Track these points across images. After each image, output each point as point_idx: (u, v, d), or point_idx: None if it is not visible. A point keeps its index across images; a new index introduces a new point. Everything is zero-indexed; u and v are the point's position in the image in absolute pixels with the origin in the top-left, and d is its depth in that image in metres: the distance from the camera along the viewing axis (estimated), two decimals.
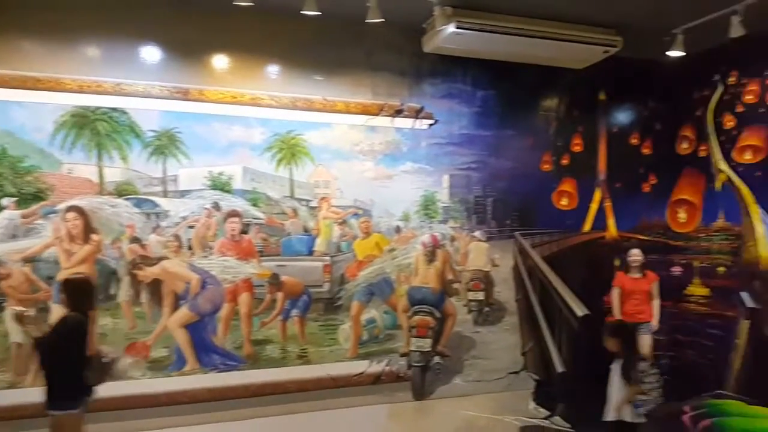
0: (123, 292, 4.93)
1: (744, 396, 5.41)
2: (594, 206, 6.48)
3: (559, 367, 5.84)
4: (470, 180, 5.97)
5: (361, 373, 5.47)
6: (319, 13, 4.61)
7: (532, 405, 5.37)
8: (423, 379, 5.44)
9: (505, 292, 6.06)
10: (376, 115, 5.61)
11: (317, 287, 5.43)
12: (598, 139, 6.53)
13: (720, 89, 6.04)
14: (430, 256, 5.56)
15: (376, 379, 5.50)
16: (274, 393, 5.14)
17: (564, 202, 6.35)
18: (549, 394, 5.50)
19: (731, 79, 5.92)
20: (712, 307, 6.12)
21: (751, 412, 4.95)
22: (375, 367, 5.53)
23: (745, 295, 5.71)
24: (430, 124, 5.83)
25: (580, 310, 5.87)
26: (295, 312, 5.35)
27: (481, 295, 5.87)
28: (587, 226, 6.45)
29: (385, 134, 5.69)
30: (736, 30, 4.88)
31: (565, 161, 6.35)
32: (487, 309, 5.93)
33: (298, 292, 5.36)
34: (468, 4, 4.96)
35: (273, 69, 5.41)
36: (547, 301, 6.09)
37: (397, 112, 5.68)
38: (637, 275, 5.67)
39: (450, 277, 5.73)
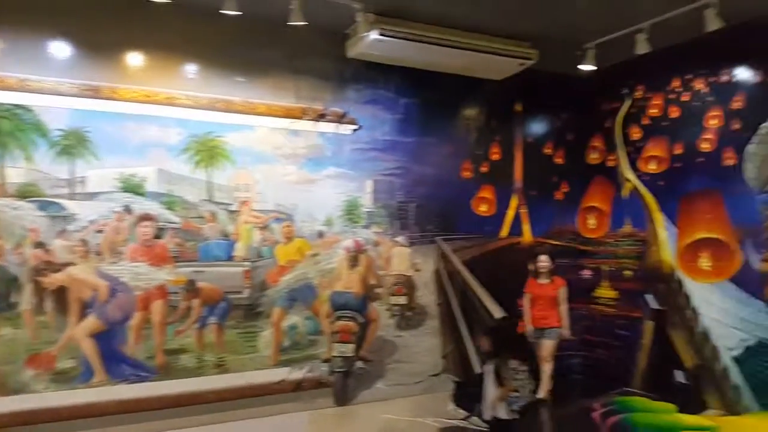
0: (25, 300, 4.62)
1: (648, 392, 5.80)
2: (511, 212, 6.76)
3: (478, 368, 6.04)
4: (393, 185, 6.08)
5: (282, 381, 5.40)
6: (240, 13, 4.58)
7: (451, 406, 5.51)
8: (345, 385, 5.44)
9: (426, 296, 6.19)
10: (299, 118, 5.61)
11: (236, 293, 5.33)
12: (514, 148, 6.83)
13: (627, 102, 6.50)
14: (353, 261, 5.62)
15: (297, 386, 5.46)
16: (191, 404, 4.99)
17: (483, 208, 6.59)
18: (468, 395, 5.67)
19: (638, 93, 6.38)
20: (620, 309, 6.54)
21: (654, 407, 5.30)
22: (296, 373, 5.48)
23: (649, 297, 6.14)
24: (354, 130, 5.89)
25: (497, 312, 6.12)
26: (212, 319, 5.22)
27: (403, 300, 5.98)
28: (504, 232, 6.72)
29: (308, 138, 5.69)
30: (642, 47, 5.29)
31: (484, 169, 6.60)
32: (409, 313, 6.04)
33: (216, 299, 5.24)
34: (391, 12, 5.10)
35: (191, 68, 5.29)
36: (467, 305, 6.30)
37: (321, 117, 5.71)
38: (545, 281, 5.82)
39: (373, 281, 5.81)
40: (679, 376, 5.66)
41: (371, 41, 5.15)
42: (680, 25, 4.97)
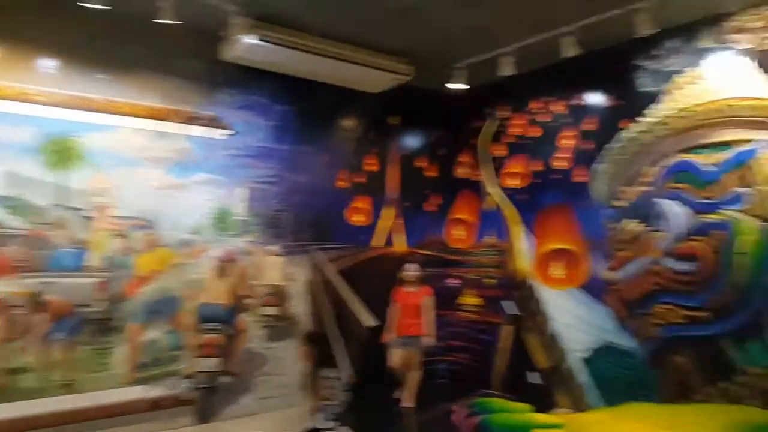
0: None
1: (506, 394, 6.21)
2: (385, 223, 6.95)
3: (351, 377, 6.10)
4: (267, 193, 5.99)
5: (138, 400, 5.06)
6: (104, 7, 4.29)
7: (320, 417, 5.50)
8: (209, 401, 5.24)
9: (299, 307, 6.15)
10: (166, 120, 5.36)
11: (89, 306, 4.92)
12: (390, 160, 7.06)
13: (493, 121, 6.96)
14: (223, 270, 5.44)
15: (155, 405, 5.14)
16: (32, 429, 4.51)
17: (358, 218, 6.72)
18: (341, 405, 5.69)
19: (501, 113, 6.86)
20: (482, 315, 6.94)
21: (511, 407, 5.65)
22: (154, 391, 5.16)
23: (507, 304, 6.58)
24: (226, 135, 5.74)
25: (369, 321, 6.24)
26: (60, 335, 4.77)
27: (275, 310, 5.88)
28: (379, 242, 6.89)
29: (176, 142, 5.44)
30: (507, 69, 5.71)
31: (359, 179, 6.74)
32: (280, 324, 5.95)
33: (66, 313, 4.79)
34: (267, 18, 5.04)
35: (48, 63, 4.86)
36: (341, 314, 6.35)
37: (190, 120, 5.49)
38: (412, 289, 6.06)
39: (243, 292, 5.65)
40: (534, 377, 6.11)
41: (246, 45, 5.06)
42: (542, 51, 5.44)
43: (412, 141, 7.31)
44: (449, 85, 6.22)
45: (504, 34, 5.49)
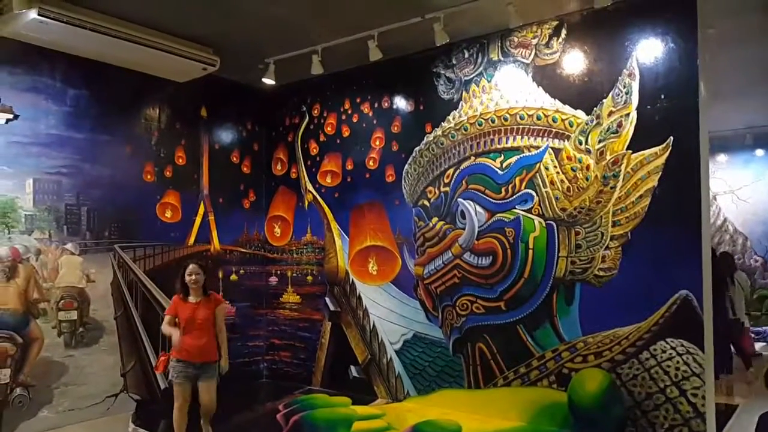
0: None
1: (328, 389, 6.69)
2: (198, 219, 7.03)
3: (163, 383, 6.09)
4: (61, 186, 5.74)
5: None
6: None
7: (131, 427, 5.46)
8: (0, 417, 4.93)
9: (102, 310, 5.98)
10: None
11: None
12: (201, 153, 7.13)
13: (307, 119, 7.39)
14: (10, 272, 5.14)
15: None
16: None
17: (168, 214, 6.70)
18: (151, 413, 5.68)
19: (315, 111, 7.33)
20: (303, 312, 7.37)
21: (333, 402, 6.16)
22: None
23: (327, 300, 7.06)
24: (8, 119, 5.39)
25: None
26: None
27: (74, 315, 5.66)
28: (191, 239, 6.95)
29: None
30: (316, 68, 6.17)
31: (168, 173, 6.73)
32: (81, 329, 5.74)
33: None
34: None
35: None
36: (151, 316, 6.30)
37: None
38: (196, 299, 4.87)
39: (35, 296, 5.37)
40: (354, 371, 6.66)
41: (28, 21, 4.83)
42: (350, 53, 6.02)
43: (224, 135, 7.47)
44: (264, 80, 6.52)
45: (312, 33, 5.96)
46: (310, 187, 7.32)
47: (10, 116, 5.41)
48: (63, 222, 5.76)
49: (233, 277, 7.38)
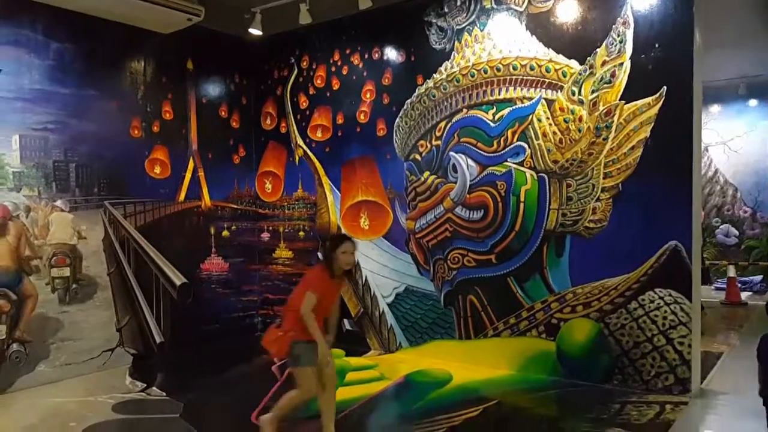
0: None
1: None
2: (188, 175, 7.00)
3: (158, 338, 6.19)
4: (48, 142, 5.68)
5: None
6: None
7: (128, 380, 5.56)
8: None
9: (95, 266, 6.01)
10: None
11: None
12: (188, 108, 7.04)
13: (295, 71, 7.29)
14: (0, 230, 5.09)
15: None
16: None
17: (157, 170, 6.67)
18: (147, 366, 5.79)
19: (304, 63, 7.21)
20: (295, 267, 7.43)
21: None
22: None
23: (320, 255, 7.10)
24: None
25: (177, 279, 6.34)
26: None
27: (66, 271, 5.68)
28: (182, 196, 6.93)
29: None
30: (304, 17, 6.05)
31: (156, 128, 6.65)
32: (74, 286, 5.78)
33: None
34: None
35: None
36: (144, 273, 6.36)
37: None
38: (340, 278, 3.94)
39: (27, 253, 5.38)
40: (347, 324, 6.77)
41: None
42: (338, 1, 5.86)
43: (211, 88, 7.35)
44: (250, 30, 6.41)
45: None
46: (300, 141, 7.28)
47: None
48: (52, 179, 5.71)
49: (225, 233, 7.40)
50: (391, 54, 6.48)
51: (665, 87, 4.74)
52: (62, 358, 5.65)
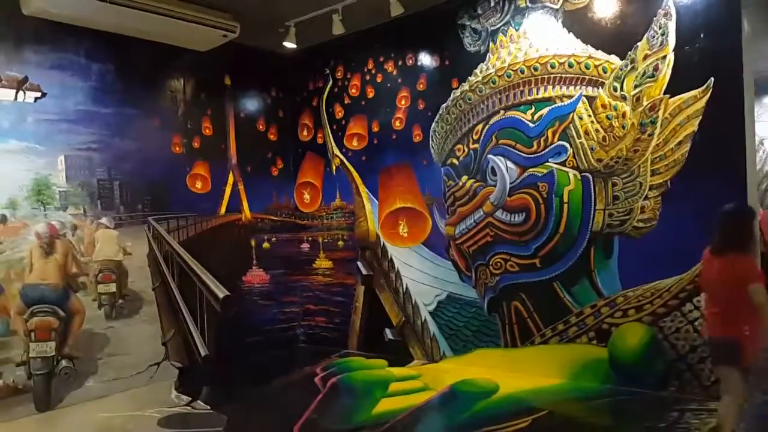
0: None
1: (364, 352, 6.71)
2: (228, 189, 7.03)
3: (203, 351, 6.19)
4: (92, 162, 5.78)
5: None
6: None
7: (174, 394, 5.56)
8: (48, 388, 5.08)
9: (140, 282, 6.08)
10: None
11: None
12: (227, 123, 7.09)
13: (330, 82, 7.26)
14: (48, 248, 5.19)
15: None
16: None
17: (198, 185, 6.72)
18: (193, 380, 5.78)
19: (338, 74, 7.18)
20: (335, 277, 7.38)
21: (369, 364, 6.18)
22: None
23: (359, 264, 7.03)
24: (37, 98, 5.40)
25: (221, 292, 6.34)
26: None
27: (112, 287, 5.76)
28: (223, 209, 6.97)
29: None
30: (337, 27, 6.00)
31: (196, 144, 6.72)
32: (120, 301, 5.85)
33: None
34: None
35: None
36: (188, 287, 6.40)
37: None
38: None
39: (74, 270, 5.46)
40: (389, 334, 6.65)
41: None
42: (370, 9, 5.81)
43: (248, 103, 7.40)
44: (285, 44, 6.40)
45: None
46: (336, 151, 7.24)
47: (39, 94, 5.42)
48: (96, 197, 5.82)
49: (265, 245, 7.41)
50: (425, 59, 6.38)
51: (712, 78, 4.48)
52: (110, 373, 5.71)
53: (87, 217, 5.72)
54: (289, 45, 6.47)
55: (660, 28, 4.72)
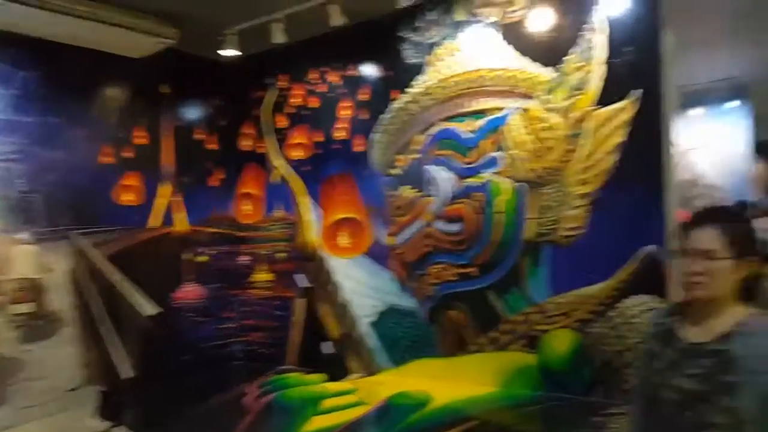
0: None
1: (302, 367, 6.55)
2: (162, 201, 6.77)
3: (129, 372, 5.91)
4: (11, 173, 5.46)
5: None
6: None
7: (96, 419, 5.29)
8: None
9: (60, 300, 5.73)
10: None
11: None
12: (163, 132, 6.85)
13: (273, 91, 7.11)
14: None
15: None
16: None
17: (129, 197, 6.44)
18: (114, 404, 5.51)
19: (281, 82, 7.04)
20: (275, 290, 7.19)
21: (307, 380, 6.04)
22: None
23: (299, 277, 6.88)
24: None
25: (151, 309, 6.09)
26: None
27: (29, 307, 5.38)
28: (156, 222, 6.70)
29: None
30: (278, 36, 5.88)
31: (127, 154, 6.44)
32: (38, 322, 5.50)
33: None
34: None
35: None
36: (114, 304, 6.09)
37: None
38: None
39: None
40: (327, 348, 6.51)
41: None
42: (312, 19, 5.71)
43: (187, 111, 7.18)
44: (222, 52, 6.24)
45: (271, 0, 5.65)
46: (278, 161, 7.09)
47: None
48: (15, 211, 5.46)
49: (202, 258, 7.16)
50: (367, 70, 6.32)
51: (637, 90, 4.57)
52: (24, 400, 5.33)
53: (4, 232, 5.37)
54: (230, 53, 6.30)
55: (589, 41, 4.78)
